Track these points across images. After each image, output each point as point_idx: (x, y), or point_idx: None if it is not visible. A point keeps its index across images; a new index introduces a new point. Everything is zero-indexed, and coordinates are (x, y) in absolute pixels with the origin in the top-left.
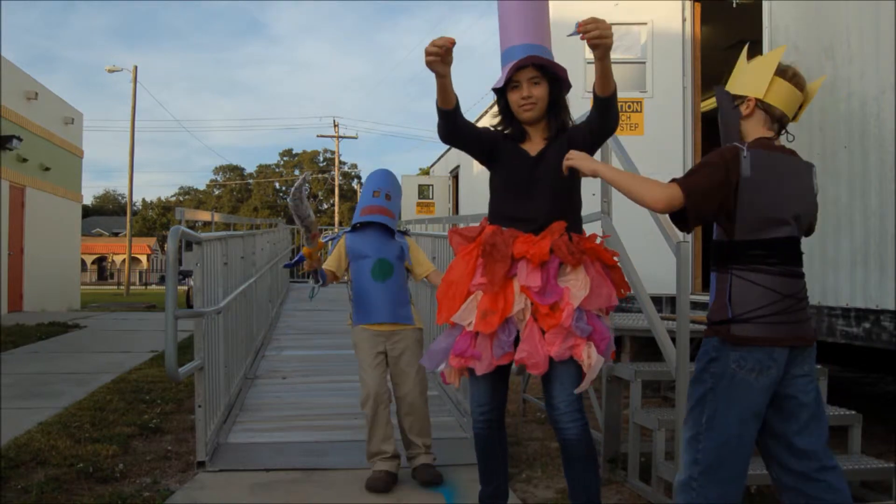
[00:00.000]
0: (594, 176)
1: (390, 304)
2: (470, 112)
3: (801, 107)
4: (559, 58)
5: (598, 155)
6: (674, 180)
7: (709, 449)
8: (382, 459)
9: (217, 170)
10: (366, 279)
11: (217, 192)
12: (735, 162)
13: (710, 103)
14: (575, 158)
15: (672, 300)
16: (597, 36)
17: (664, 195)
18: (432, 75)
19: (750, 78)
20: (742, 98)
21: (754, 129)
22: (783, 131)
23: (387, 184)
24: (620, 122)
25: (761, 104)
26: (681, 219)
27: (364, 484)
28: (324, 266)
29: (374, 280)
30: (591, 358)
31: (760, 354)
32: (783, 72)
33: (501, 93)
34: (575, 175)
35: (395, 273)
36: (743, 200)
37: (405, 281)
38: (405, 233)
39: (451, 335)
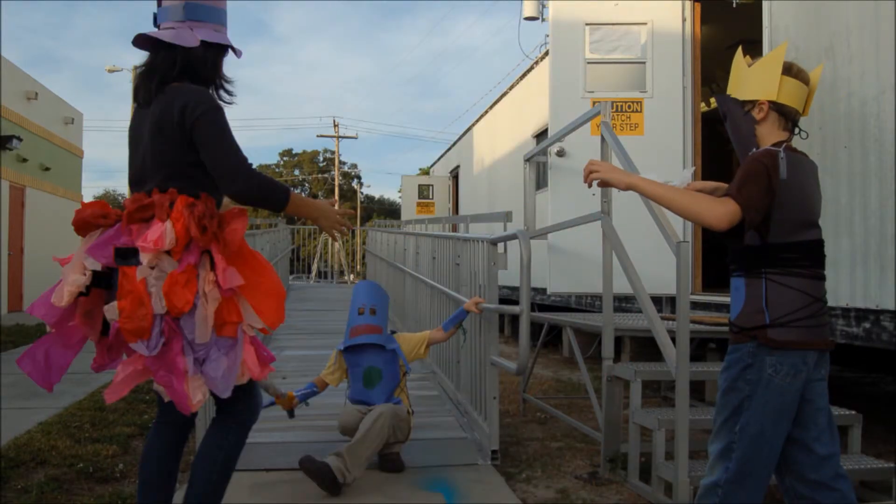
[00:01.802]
0: (628, 190)
1: (381, 399)
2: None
3: (807, 101)
4: (559, 58)
5: (596, 153)
6: (726, 194)
7: (743, 457)
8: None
9: None
10: (359, 385)
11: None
12: (775, 166)
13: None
14: (602, 171)
15: (672, 300)
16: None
17: (727, 214)
18: (432, 75)
19: (757, 81)
20: (753, 103)
21: (770, 131)
22: (796, 128)
23: (370, 298)
24: (620, 121)
25: (775, 105)
26: (734, 233)
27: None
28: (322, 377)
29: (366, 388)
30: None
31: (795, 358)
32: (788, 69)
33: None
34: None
35: (385, 376)
36: (779, 203)
37: (397, 373)
38: (393, 332)
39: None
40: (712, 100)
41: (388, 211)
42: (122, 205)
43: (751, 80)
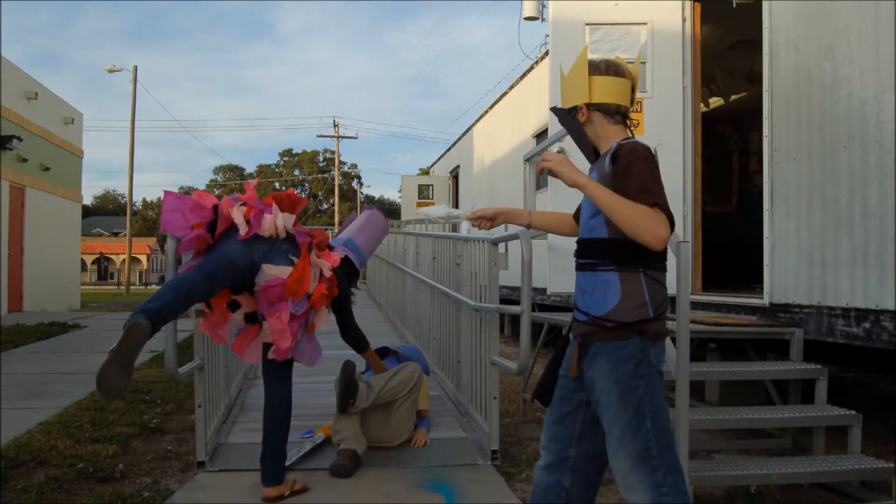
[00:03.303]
0: (574, 186)
1: None
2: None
3: (633, 90)
4: (559, 57)
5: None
6: (656, 204)
7: (663, 450)
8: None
9: (217, 170)
10: None
11: (217, 192)
12: (655, 159)
13: (715, 102)
14: (554, 163)
15: (672, 300)
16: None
17: (665, 232)
18: (433, 75)
19: (572, 87)
20: (574, 109)
21: (601, 128)
22: (626, 120)
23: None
24: None
25: (592, 106)
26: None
27: (367, 484)
28: None
29: None
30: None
31: (661, 348)
32: (596, 68)
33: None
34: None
35: None
36: None
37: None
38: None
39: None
40: (712, 100)
41: (389, 211)
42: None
43: (567, 88)
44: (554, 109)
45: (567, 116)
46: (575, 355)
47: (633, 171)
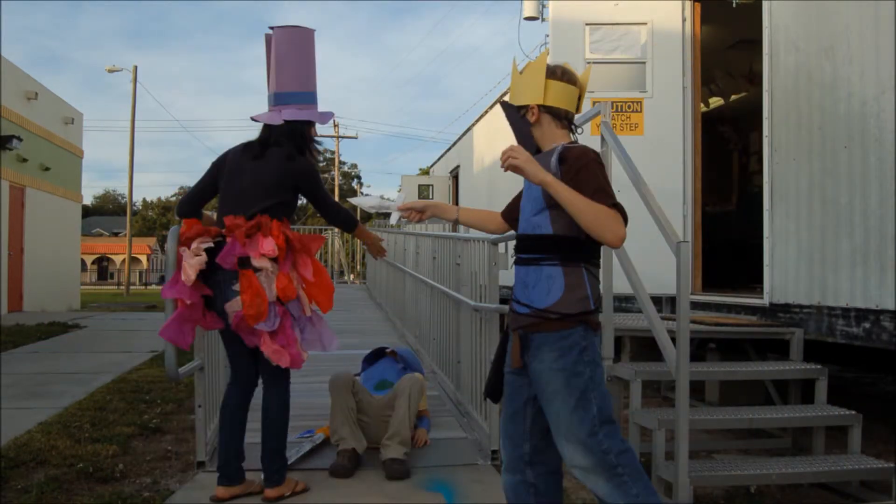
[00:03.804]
0: (540, 185)
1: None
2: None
3: (580, 98)
4: (559, 57)
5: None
6: (615, 205)
7: (611, 433)
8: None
9: None
10: (370, 388)
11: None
12: (602, 161)
13: (715, 102)
14: (521, 160)
15: (672, 300)
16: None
17: (624, 233)
18: (433, 75)
19: (526, 87)
20: (525, 107)
21: (548, 131)
22: (573, 126)
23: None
24: (620, 121)
25: (544, 108)
26: (514, 218)
27: (378, 481)
28: None
29: (375, 391)
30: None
31: (600, 339)
32: (552, 73)
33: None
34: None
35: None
36: None
37: None
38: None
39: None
40: (712, 100)
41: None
42: (223, 223)
43: (521, 87)
44: (503, 104)
45: (516, 113)
46: (517, 347)
47: (587, 173)
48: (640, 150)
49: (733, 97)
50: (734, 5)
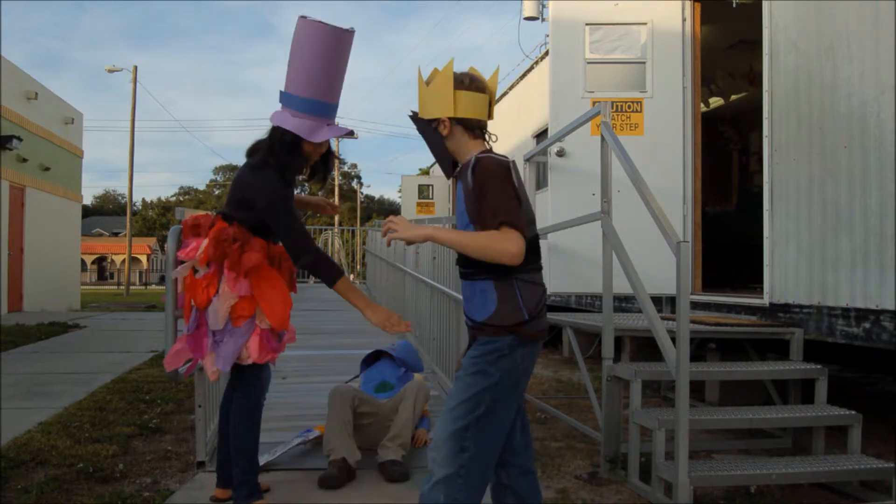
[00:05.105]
0: (426, 241)
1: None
2: None
3: (490, 103)
4: (560, 57)
5: (596, 153)
6: (503, 223)
7: (482, 439)
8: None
9: (217, 170)
10: (369, 391)
11: (217, 192)
12: (509, 172)
13: (715, 102)
14: (400, 230)
15: (672, 300)
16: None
17: (517, 247)
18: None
19: (435, 99)
20: (437, 121)
21: (462, 142)
22: (485, 133)
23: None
24: (620, 121)
25: (455, 120)
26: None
27: (377, 482)
28: None
29: (376, 394)
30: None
31: (536, 347)
32: (460, 82)
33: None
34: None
35: (397, 388)
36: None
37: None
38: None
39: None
40: (712, 100)
41: (388, 211)
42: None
43: (430, 100)
44: (413, 118)
45: (428, 126)
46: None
47: (484, 194)
48: (640, 150)
49: (733, 97)
50: (734, 5)
